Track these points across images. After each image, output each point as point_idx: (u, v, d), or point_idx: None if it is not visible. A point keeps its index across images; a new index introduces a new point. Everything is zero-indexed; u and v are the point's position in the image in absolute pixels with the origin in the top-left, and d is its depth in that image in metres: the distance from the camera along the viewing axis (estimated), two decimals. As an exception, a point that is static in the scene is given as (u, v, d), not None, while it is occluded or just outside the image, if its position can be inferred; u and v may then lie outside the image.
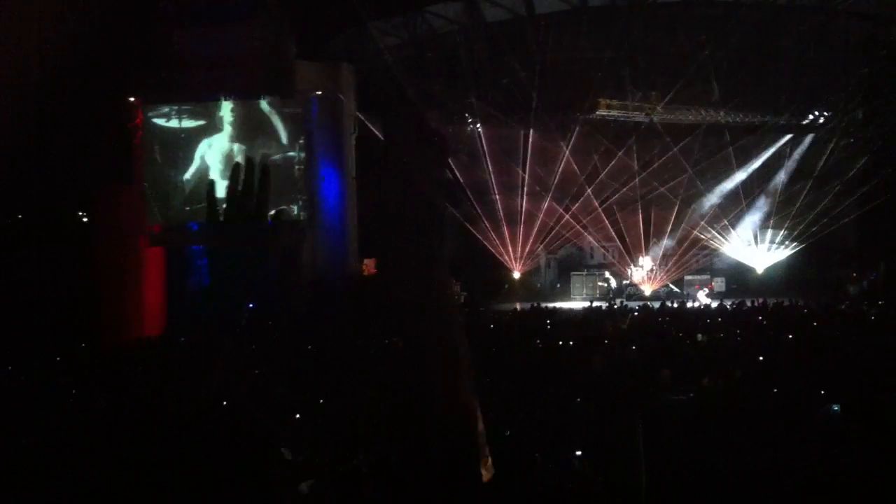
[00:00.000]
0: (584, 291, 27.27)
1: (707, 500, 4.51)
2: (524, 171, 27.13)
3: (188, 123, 22.87)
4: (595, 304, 22.38)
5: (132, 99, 22.13)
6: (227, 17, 22.05)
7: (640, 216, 27.41)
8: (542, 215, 27.33)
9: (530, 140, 26.92)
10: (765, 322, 16.73)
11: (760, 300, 20.71)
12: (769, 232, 27.29)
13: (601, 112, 26.16)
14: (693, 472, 4.62)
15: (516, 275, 28.42)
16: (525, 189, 27.25)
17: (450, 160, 27.55)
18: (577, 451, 4.87)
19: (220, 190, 22.56)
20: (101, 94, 20.15)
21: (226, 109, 22.80)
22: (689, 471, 4.63)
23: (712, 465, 4.73)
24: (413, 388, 3.45)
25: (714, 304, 22.34)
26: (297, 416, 7.08)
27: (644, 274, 27.28)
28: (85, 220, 21.31)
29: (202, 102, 22.73)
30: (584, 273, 28.23)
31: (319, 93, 22.82)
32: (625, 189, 26.88)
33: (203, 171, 22.93)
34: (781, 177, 27.28)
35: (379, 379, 9.09)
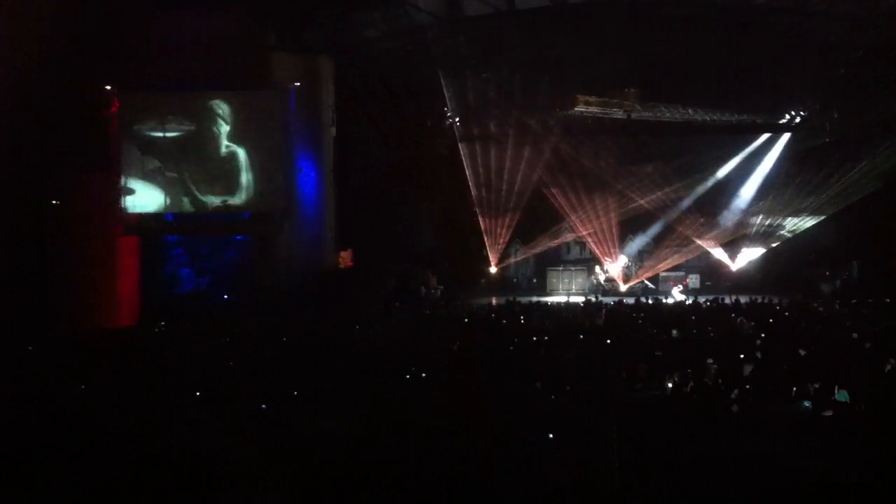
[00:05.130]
0: (561, 287, 27.37)
1: (679, 486, 4.55)
2: (503, 167, 27.08)
3: (170, 130, 22.59)
4: (572, 299, 22.46)
5: (108, 87, 21.93)
6: (205, 3, 21.85)
7: (617, 212, 27.44)
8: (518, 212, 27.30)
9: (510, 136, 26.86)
10: (739, 319, 16.84)
11: (734, 297, 20.87)
12: (745, 229, 27.42)
13: (580, 108, 26.21)
14: (666, 461, 4.66)
15: (493, 269, 28.44)
16: (504, 185, 27.20)
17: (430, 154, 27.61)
18: (550, 439, 4.90)
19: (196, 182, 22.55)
20: (77, 80, 19.95)
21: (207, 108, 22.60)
22: (661, 460, 4.67)
23: (685, 454, 4.77)
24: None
25: (689, 301, 22.44)
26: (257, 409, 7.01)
27: (620, 270, 27.37)
28: (59, 207, 21.10)
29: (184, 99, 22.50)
30: (561, 268, 28.31)
31: (298, 84, 22.71)
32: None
33: (181, 162, 22.72)
34: (757, 175, 27.51)
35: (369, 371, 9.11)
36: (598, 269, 27.68)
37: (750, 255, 27.35)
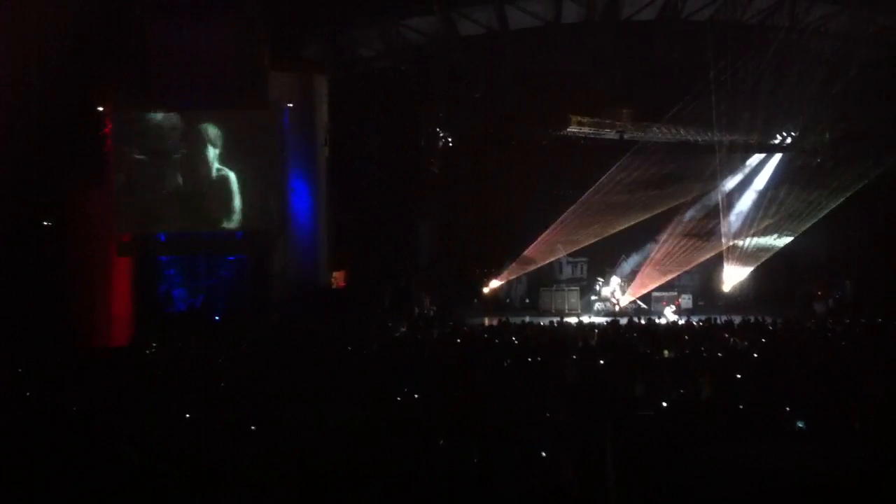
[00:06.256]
0: (554, 307, 27.31)
1: (676, 488, 4.57)
2: (497, 186, 27.15)
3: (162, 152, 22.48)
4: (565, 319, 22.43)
5: (101, 109, 21.87)
6: (201, 14, 21.75)
7: (610, 232, 27.48)
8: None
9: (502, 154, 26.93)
10: (732, 339, 16.84)
11: (726, 317, 20.87)
12: (738, 248, 27.46)
13: (573, 129, 26.32)
14: (663, 463, 4.68)
15: (486, 289, 28.43)
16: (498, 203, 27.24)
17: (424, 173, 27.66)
18: (544, 450, 4.91)
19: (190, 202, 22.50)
20: (71, 96, 19.91)
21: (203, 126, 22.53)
22: (658, 463, 4.69)
23: (682, 457, 4.79)
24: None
25: (681, 321, 22.44)
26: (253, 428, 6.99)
27: (612, 290, 27.37)
28: (53, 226, 21.03)
29: (178, 118, 22.41)
30: (554, 288, 28.26)
31: (291, 105, 22.70)
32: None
33: (173, 184, 22.63)
34: (751, 193, 27.64)
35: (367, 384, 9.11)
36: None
37: (743, 274, 27.38)
